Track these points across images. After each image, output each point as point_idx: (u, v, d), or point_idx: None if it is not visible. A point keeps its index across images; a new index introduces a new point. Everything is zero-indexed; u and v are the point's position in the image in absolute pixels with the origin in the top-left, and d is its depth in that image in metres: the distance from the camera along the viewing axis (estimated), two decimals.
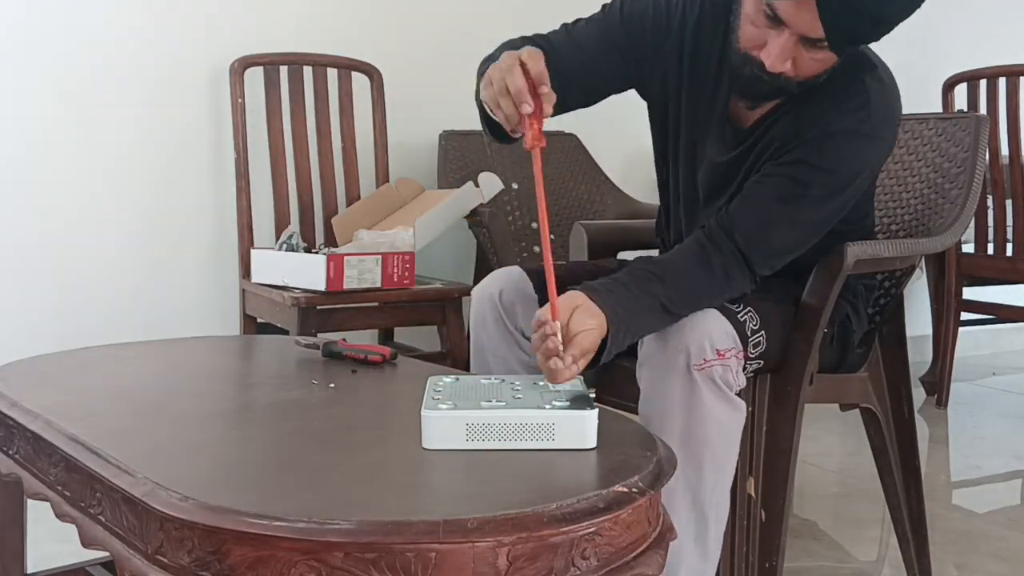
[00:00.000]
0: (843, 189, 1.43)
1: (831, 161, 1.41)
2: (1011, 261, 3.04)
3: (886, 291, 1.76)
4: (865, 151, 1.43)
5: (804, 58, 1.34)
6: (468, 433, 1.06)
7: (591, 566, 0.91)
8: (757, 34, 1.35)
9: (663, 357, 1.36)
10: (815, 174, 1.41)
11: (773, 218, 1.42)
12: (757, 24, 1.34)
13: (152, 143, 2.60)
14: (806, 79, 1.38)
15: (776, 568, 1.53)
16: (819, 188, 1.41)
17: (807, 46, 1.33)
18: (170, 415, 1.22)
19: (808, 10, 1.28)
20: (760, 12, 1.32)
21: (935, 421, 3.15)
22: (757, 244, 1.41)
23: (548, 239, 1.22)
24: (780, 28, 1.32)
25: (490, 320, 1.57)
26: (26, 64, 2.45)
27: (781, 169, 1.43)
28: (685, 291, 1.38)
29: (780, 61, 1.33)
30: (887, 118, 1.43)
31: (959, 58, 3.40)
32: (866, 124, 1.41)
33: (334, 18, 2.80)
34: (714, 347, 1.36)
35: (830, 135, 1.41)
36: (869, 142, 1.42)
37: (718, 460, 1.38)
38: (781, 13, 1.30)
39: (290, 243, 2.39)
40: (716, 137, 1.52)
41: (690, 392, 1.35)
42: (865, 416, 1.80)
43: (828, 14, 1.27)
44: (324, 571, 0.85)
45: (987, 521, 2.29)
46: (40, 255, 2.49)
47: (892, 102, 1.45)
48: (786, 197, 1.41)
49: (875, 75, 1.43)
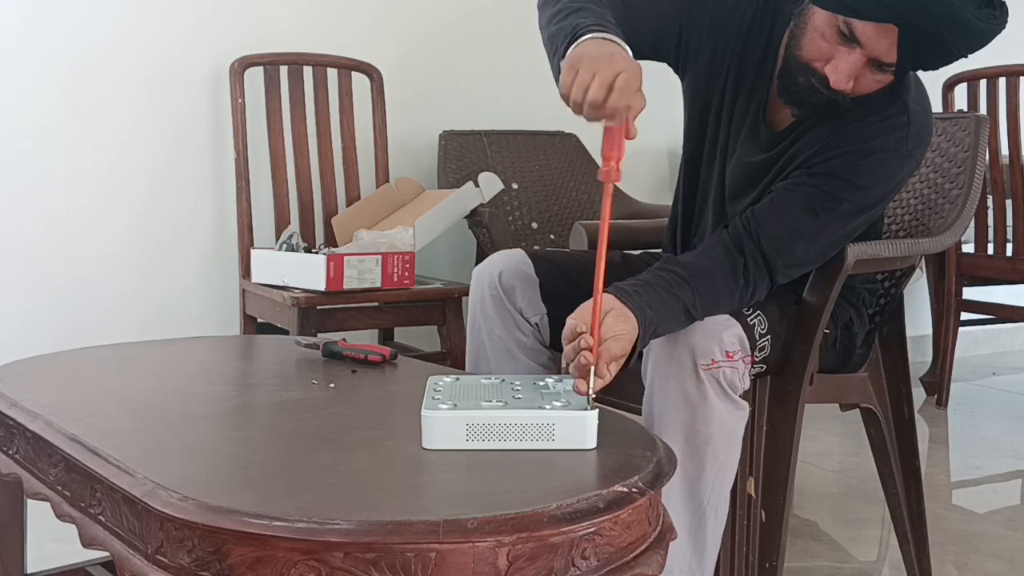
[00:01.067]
0: (873, 206, 1.44)
1: (866, 178, 1.41)
2: (1011, 261, 3.04)
3: (886, 291, 1.76)
4: (900, 171, 1.43)
5: (867, 79, 1.35)
6: (468, 433, 1.06)
7: (591, 566, 0.91)
8: (825, 48, 1.34)
9: (672, 355, 1.36)
10: (848, 190, 1.41)
11: (801, 228, 1.42)
12: (827, 39, 1.34)
13: (152, 143, 2.60)
14: (860, 96, 1.38)
15: (776, 568, 1.53)
16: (850, 204, 1.42)
17: (874, 68, 1.34)
18: (170, 415, 1.22)
19: (888, 36, 1.28)
20: (833, 27, 1.32)
21: (935, 421, 3.15)
22: (781, 252, 1.42)
23: (603, 270, 1.19)
24: (852, 47, 1.32)
25: (488, 299, 1.56)
26: (26, 64, 2.45)
27: (814, 180, 1.42)
28: (710, 297, 1.38)
29: (846, 79, 1.34)
30: (922, 140, 1.44)
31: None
32: (904, 145, 1.41)
33: (334, 18, 2.80)
34: (723, 349, 1.36)
35: (869, 152, 1.41)
36: (905, 162, 1.43)
37: (719, 459, 1.38)
38: (859, 34, 1.30)
39: (290, 243, 2.39)
40: (749, 136, 1.52)
41: (696, 391, 1.35)
42: (865, 416, 1.80)
43: (907, 42, 1.28)
44: (324, 571, 0.85)
45: (987, 521, 2.29)
46: (40, 255, 2.49)
47: (928, 124, 1.46)
48: (816, 210, 1.41)
49: (915, 97, 1.44)
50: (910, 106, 1.42)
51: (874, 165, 1.41)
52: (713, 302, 1.39)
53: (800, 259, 1.45)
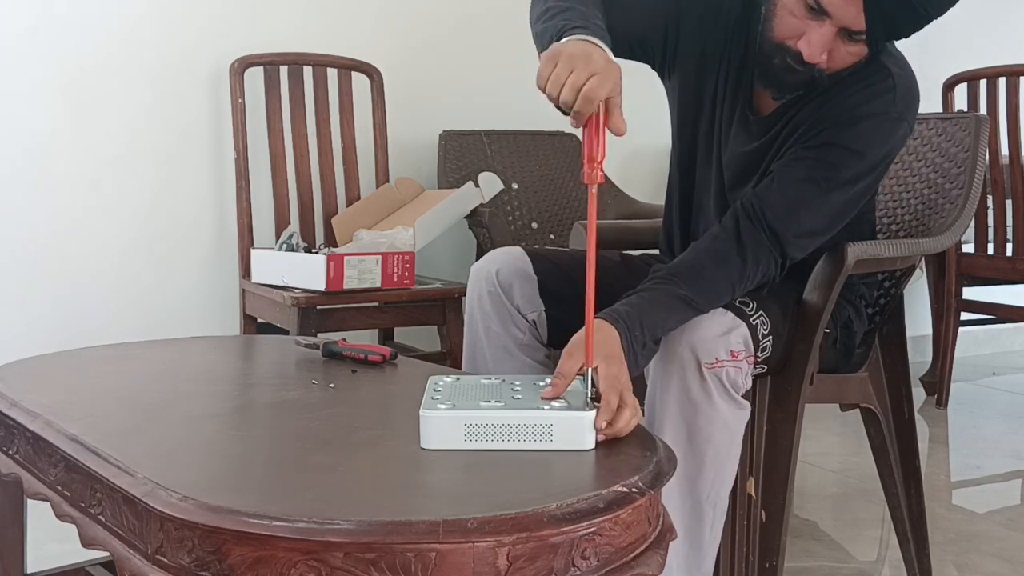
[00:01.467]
0: (871, 171, 1.45)
1: (862, 143, 1.42)
2: (1011, 261, 3.04)
3: (886, 291, 1.76)
4: (894, 134, 1.44)
5: (840, 51, 1.37)
6: (466, 433, 1.06)
7: (591, 566, 0.91)
8: (796, 24, 1.36)
9: (676, 353, 1.36)
10: (846, 156, 1.42)
11: (805, 199, 1.43)
12: (796, 14, 1.36)
13: (152, 143, 2.60)
14: (836, 72, 1.40)
15: (776, 568, 1.53)
16: (848, 170, 1.43)
17: (845, 39, 1.35)
18: (170, 415, 1.22)
19: (854, 2, 1.30)
20: (801, 3, 1.34)
21: (935, 421, 3.15)
22: (788, 225, 1.42)
23: (593, 283, 1.14)
24: (821, 19, 1.34)
25: (486, 295, 1.56)
26: (26, 64, 2.45)
27: (811, 152, 1.44)
28: (709, 291, 1.38)
29: (819, 52, 1.35)
30: (910, 102, 1.46)
31: (959, 58, 3.40)
32: (893, 107, 1.43)
33: (334, 18, 2.80)
34: (728, 348, 1.37)
35: (860, 117, 1.42)
36: (897, 124, 1.44)
37: (719, 458, 1.38)
38: (825, 4, 1.32)
39: (290, 243, 2.39)
40: (740, 127, 1.53)
41: (700, 389, 1.35)
42: (865, 416, 1.80)
43: (874, 7, 1.30)
44: (324, 571, 0.85)
45: (987, 521, 2.29)
46: (40, 255, 2.49)
47: (914, 87, 1.47)
48: (816, 179, 1.42)
49: (894, 60, 1.45)
50: (892, 70, 1.43)
51: (868, 130, 1.42)
52: (715, 294, 1.39)
53: (808, 231, 1.45)
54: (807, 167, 1.43)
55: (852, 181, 1.44)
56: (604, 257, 1.68)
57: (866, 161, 1.43)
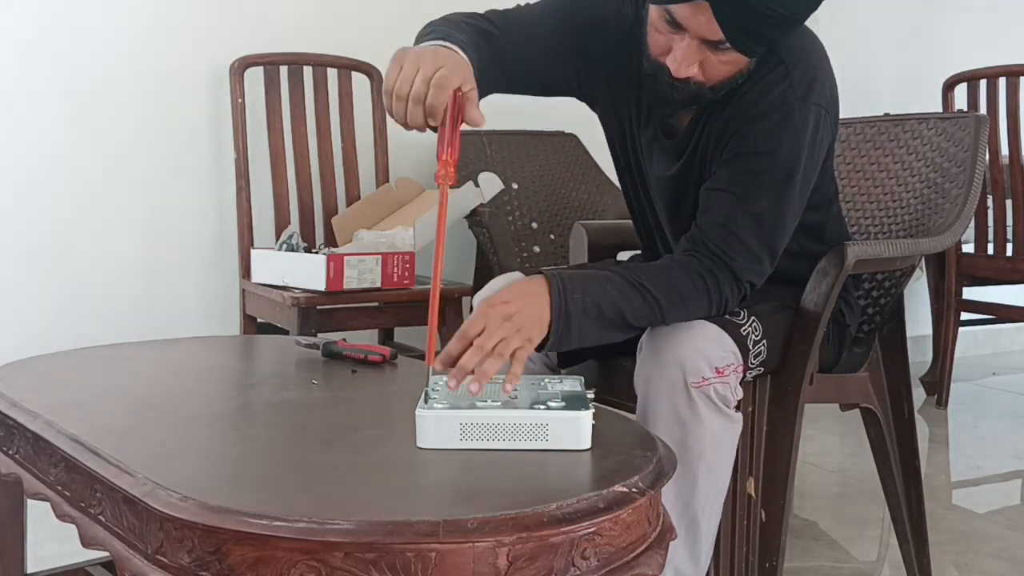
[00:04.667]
0: (792, 166, 1.37)
1: (768, 143, 1.36)
2: (1011, 261, 3.05)
3: (886, 291, 1.76)
4: (802, 121, 1.36)
5: (712, 61, 1.32)
6: (462, 433, 1.06)
7: (591, 566, 0.91)
8: (663, 41, 1.33)
9: (660, 372, 1.35)
10: (757, 160, 1.36)
11: (734, 218, 1.36)
12: (660, 30, 1.32)
13: (152, 143, 2.61)
14: (719, 83, 1.35)
15: (776, 568, 1.53)
16: (767, 174, 1.36)
17: (711, 49, 1.30)
18: (170, 415, 1.22)
19: (703, 12, 1.25)
20: (662, 19, 1.30)
21: (935, 421, 3.16)
22: (730, 250, 1.35)
23: (439, 275, 1.14)
24: (681, 33, 1.30)
25: None
26: (28, 66, 2.45)
27: (725, 168, 1.39)
28: (671, 291, 1.33)
29: (685, 66, 1.31)
30: (812, 84, 1.37)
31: (959, 58, 3.40)
32: (790, 94, 1.36)
33: (334, 18, 2.80)
34: (712, 365, 1.34)
35: (758, 116, 1.36)
36: (799, 109, 1.36)
37: (712, 472, 1.37)
38: (678, 17, 1.28)
39: (290, 243, 2.39)
40: (659, 151, 1.49)
41: (688, 408, 1.34)
42: (865, 416, 1.80)
43: (724, 16, 1.25)
44: (324, 571, 0.85)
45: (987, 521, 2.29)
46: (41, 255, 2.50)
47: (816, 64, 1.38)
48: (737, 195, 1.36)
49: (790, 48, 1.37)
50: (784, 57, 1.36)
51: (770, 127, 1.36)
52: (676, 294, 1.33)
53: (752, 248, 1.36)
54: (725, 183, 1.37)
55: (778, 184, 1.36)
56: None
57: (780, 158, 1.36)
